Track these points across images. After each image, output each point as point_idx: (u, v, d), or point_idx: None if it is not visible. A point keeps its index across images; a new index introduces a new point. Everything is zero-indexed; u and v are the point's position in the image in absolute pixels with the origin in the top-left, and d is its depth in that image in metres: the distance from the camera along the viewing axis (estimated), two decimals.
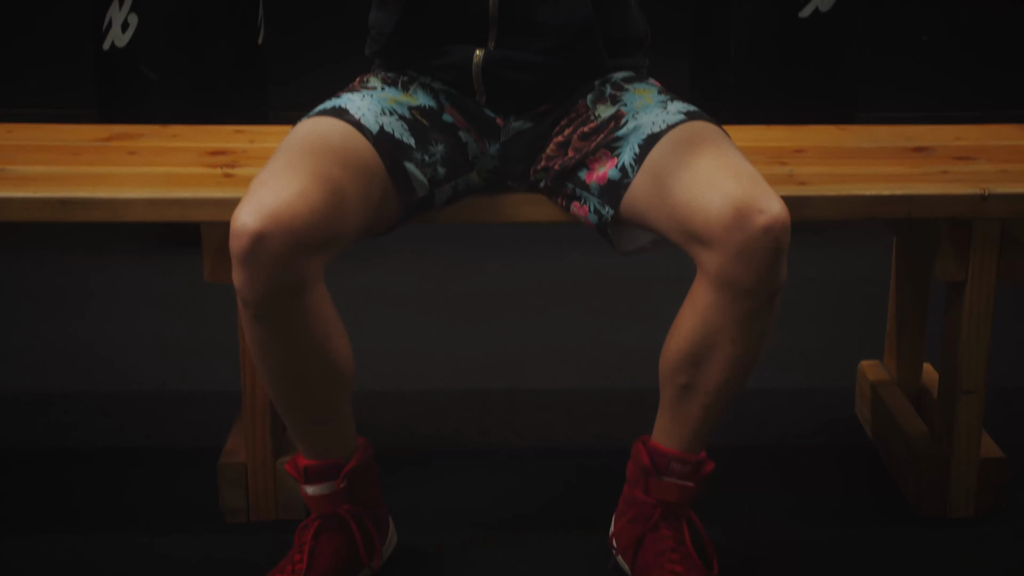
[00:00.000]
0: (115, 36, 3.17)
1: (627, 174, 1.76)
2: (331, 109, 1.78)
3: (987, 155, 2.07)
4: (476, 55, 1.80)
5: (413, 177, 1.78)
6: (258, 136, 2.17)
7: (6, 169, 1.95)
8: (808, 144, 2.14)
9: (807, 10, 3.19)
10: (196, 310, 2.89)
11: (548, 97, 1.86)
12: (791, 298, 2.74)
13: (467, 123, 1.86)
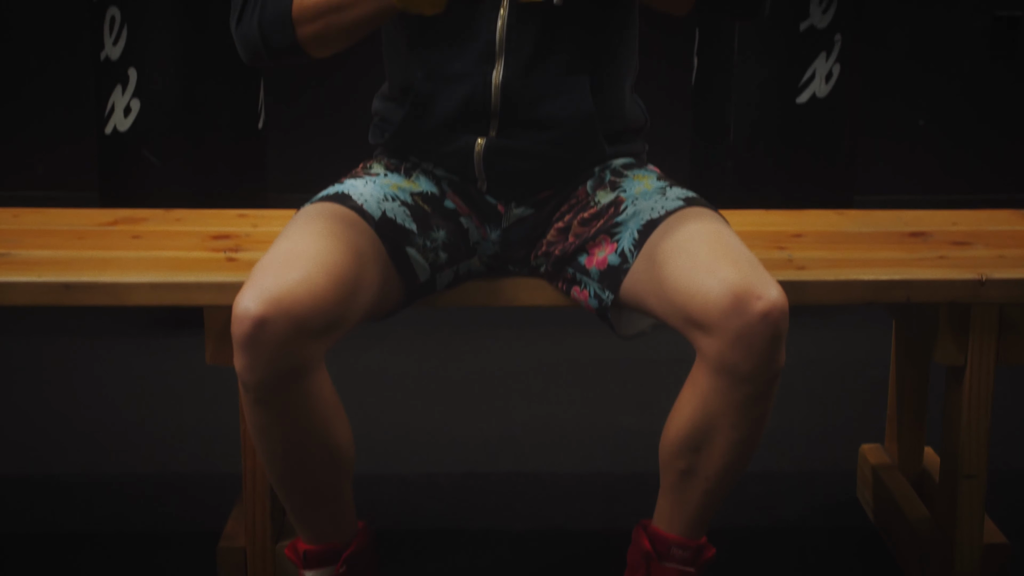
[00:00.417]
0: (117, 121, 3.20)
1: (626, 259, 1.77)
2: (334, 195, 1.80)
3: (984, 240, 2.09)
4: (478, 144, 1.83)
5: (415, 262, 1.79)
6: (261, 220, 2.18)
7: (11, 254, 1.96)
8: (807, 229, 2.16)
9: (804, 96, 3.23)
10: (197, 392, 2.89)
11: (549, 184, 1.88)
12: (791, 380, 2.75)
13: (469, 209, 1.88)
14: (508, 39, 1.78)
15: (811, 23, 3.19)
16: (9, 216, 2.18)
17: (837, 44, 3.21)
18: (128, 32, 3.14)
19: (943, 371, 2.00)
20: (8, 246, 1.99)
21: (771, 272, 1.71)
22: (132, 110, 3.19)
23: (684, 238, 1.72)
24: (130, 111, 3.19)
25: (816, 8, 3.17)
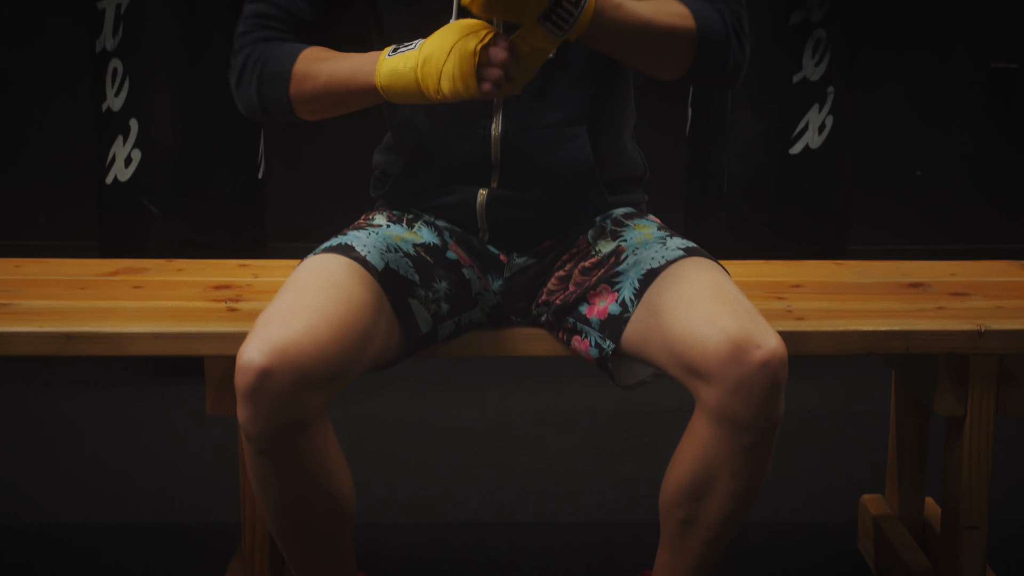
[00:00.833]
0: (118, 171, 3.22)
1: (627, 308, 1.78)
2: (337, 246, 1.80)
3: (982, 291, 2.10)
4: (480, 195, 1.85)
5: (417, 313, 1.80)
6: (262, 270, 2.19)
7: (13, 304, 1.97)
8: (806, 279, 2.17)
9: (797, 147, 3.26)
10: (197, 442, 2.89)
11: (550, 234, 1.89)
12: (792, 430, 2.75)
13: (471, 260, 1.89)
14: None
15: (804, 75, 3.22)
16: (11, 266, 2.18)
17: (830, 96, 3.24)
18: (130, 84, 3.17)
19: (943, 421, 2.00)
20: (10, 296, 2.00)
21: (770, 322, 1.72)
22: (133, 160, 3.20)
23: (684, 288, 1.73)
24: (131, 161, 3.21)
25: (809, 61, 3.21)
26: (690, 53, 1.72)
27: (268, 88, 1.77)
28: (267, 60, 1.77)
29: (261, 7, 1.80)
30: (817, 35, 3.20)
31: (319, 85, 1.74)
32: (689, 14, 1.72)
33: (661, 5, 1.71)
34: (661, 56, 1.72)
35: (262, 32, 1.79)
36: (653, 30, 1.68)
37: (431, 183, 1.86)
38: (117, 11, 3.13)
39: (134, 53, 3.15)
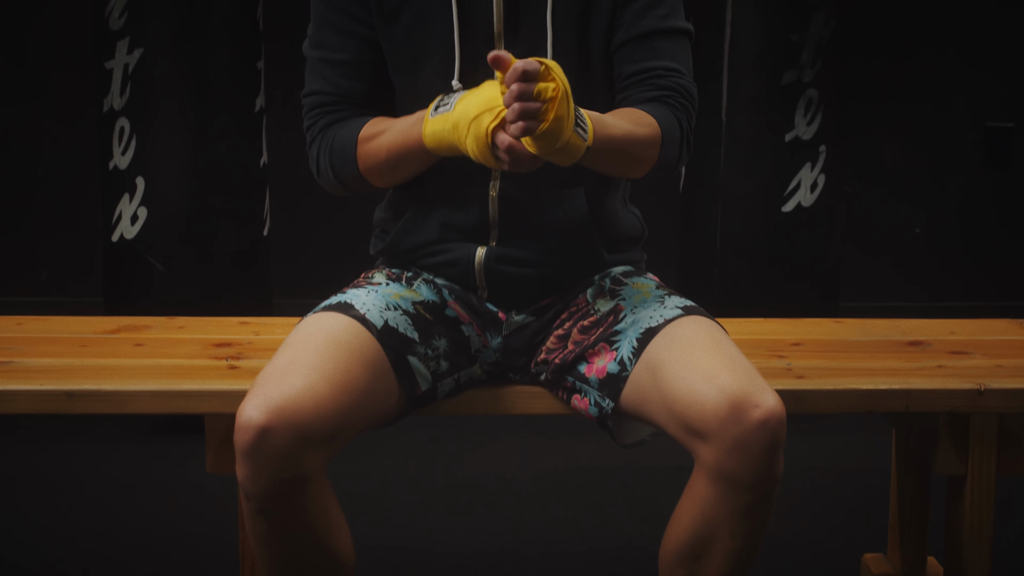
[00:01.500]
0: (124, 228, 3.24)
1: (626, 367, 1.78)
2: (336, 304, 1.82)
3: (981, 349, 2.10)
4: (478, 253, 1.86)
5: (416, 371, 1.80)
6: (263, 328, 2.20)
7: (15, 362, 1.97)
8: (805, 337, 2.17)
9: (790, 205, 3.28)
10: (196, 500, 2.88)
11: (549, 292, 1.90)
12: (792, 488, 2.74)
13: (470, 317, 1.90)
14: None
15: (796, 134, 3.25)
16: (13, 324, 2.19)
17: (822, 155, 3.27)
18: (137, 142, 3.19)
19: (944, 479, 2.00)
20: (11, 354, 2.01)
21: (770, 380, 1.72)
22: (139, 218, 3.22)
23: (682, 346, 1.74)
24: (137, 219, 3.23)
25: (801, 120, 3.24)
26: (653, 160, 1.79)
27: (342, 172, 1.83)
28: (334, 146, 1.83)
29: (316, 99, 1.86)
30: (809, 95, 3.24)
31: (383, 159, 1.80)
32: (656, 125, 1.78)
33: (632, 116, 1.77)
34: (630, 164, 1.78)
35: (324, 119, 1.85)
36: (629, 144, 1.74)
37: (430, 240, 1.88)
38: (125, 71, 3.17)
39: (142, 112, 3.18)
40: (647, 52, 1.82)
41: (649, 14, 1.83)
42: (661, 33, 1.83)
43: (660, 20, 1.83)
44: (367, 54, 1.83)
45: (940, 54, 4.06)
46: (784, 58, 3.22)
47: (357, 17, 1.83)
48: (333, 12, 1.83)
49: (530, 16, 1.81)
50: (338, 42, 1.84)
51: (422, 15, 1.82)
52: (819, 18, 3.20)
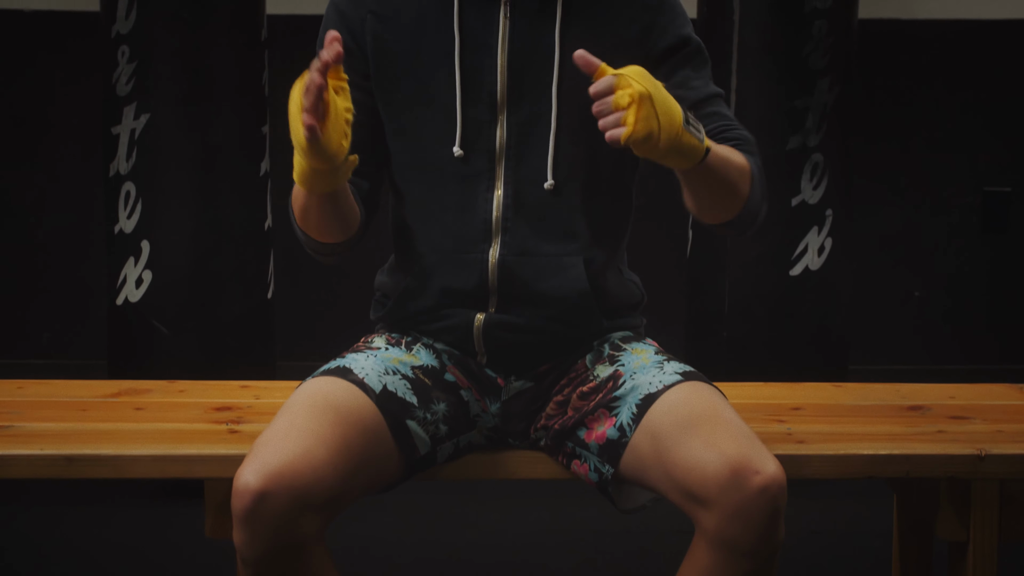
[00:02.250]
0: (128, 292, 3.25)
1: (625, 433, 1.78)
2: (335, 369, 1.82)
3: (982, 414, 2.10)
4: (477, 319, 1.86)
5: (415, 435, 1.80)
6: (264, 392, 2.20)
7: (15, 426, 1.98)
8: (805, 401, 2.17)
9: (797, 268, 3.29)
10: (195, 566, 2.87)
11: (548, 358, 1.91)
12: (794, 553, 2.72)
13: (469, 382, 1.90)
14: (504, 219, 1.83)
15: (803, 198, 3.27)
16: (13, 388, 2.20)
17: (828, 219, 3.29)
18: (142, 206, 3.21)
19: (946, 545, 1.99)
20: (11, 418, 2.01)
21: (770, 445, 1.72)
22: (144, 281, 3.24)
23: (682, 412, 1.74)
24: (142, 282, 3.24)
25: (807, 184, 3.26)
26: (744, 197, 1.79)
27: (296, 228, 1.84)
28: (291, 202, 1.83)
29: None
30: (815, 159, 3.26)
31: (298, 210, 1.81)
32: (746, 162, 1.79)
33: (727, 147, 1.78)
34: (727, 193, 1.77)
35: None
36: (730, 167, 1.75)
37: (429, 306, 1.89)
38: (131, 136, 3.20)
39: (147, 176, 3.20)
40: (703, 118, 1.81)
41: (692, 84, 1.84)
42: (708, 99, 1.84)
43: (702, 88, 1.85)
44: (360, 117, 1.84)
45: (939, 119, 4.09)
46: (789, 124, 3.25)
47: (354, 81, 1.84)
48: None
49: (535, 85, 1.82)
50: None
51: (422, 81, 1.83)
52: (823, 84, 3.23)
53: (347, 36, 1.84)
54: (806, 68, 3.23)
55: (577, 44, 1.79)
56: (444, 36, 1.82)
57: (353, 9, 1.85)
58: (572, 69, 1.78)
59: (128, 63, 3.17)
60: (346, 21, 1.85)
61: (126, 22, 3.15)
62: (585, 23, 1.83)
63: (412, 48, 1.83)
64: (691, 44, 1.86)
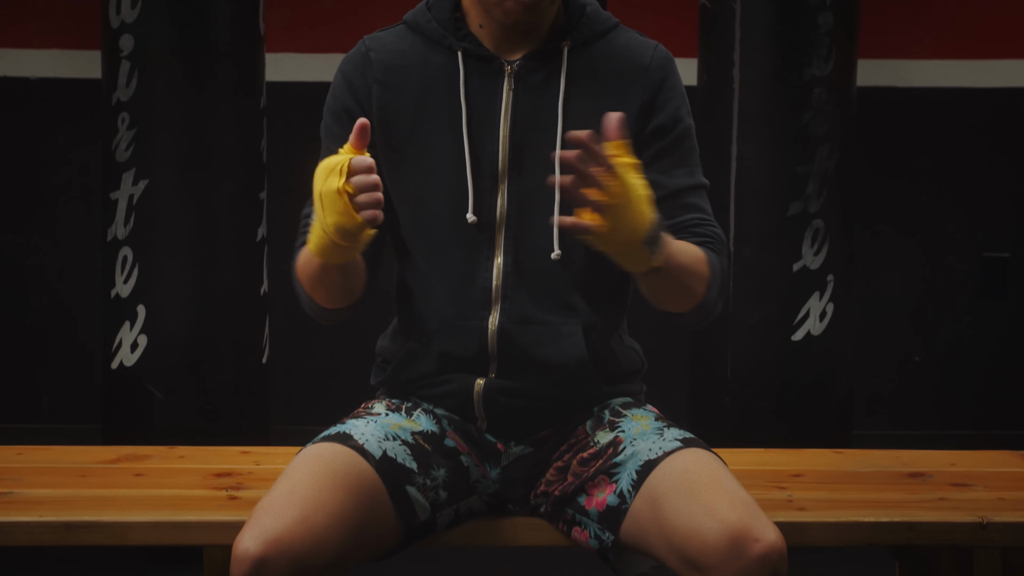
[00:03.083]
0: (124, 356, 3.25)
1: (625, 500, 1.78)
2: (335, 435, 1.82)
3: (984, 482, 2.09)
4: (477, 384, 1.87)
5: (415, 501, 1.80)
6: (264, 457, 2.20)
7: (13, 492, 1.97)
8: (806, 468, 2.17)
9: (799, 334, 3.30)
10: None
11: (548, 424, 1.90)
12: None
13: (469, 448, 1.90)
14: (504, 286, 1.84)
15: (804, 264, 3.29)
16: (13, 454, 2.19)
17: (830, 284, 3.30)
18: (139, 271, 3.22)
19: None
20: (10, 485, 2.00)
21: (771, 513, 1.72)
22: (139, 345, 3.24)
23: (682, 479, 1.74)
24: (137, 346, 3.24)
25: (808, 250, 3.28)
26: (699, 297, 1.81)
27: (299, 292, 1.86)
28: (296, 264, 1.85)
29: (305, 221, 1.87)
30: (815, 225, 3.28)
31: (307, 277, 1.82)
32: (707, 262, 1.82)
33: (689, 247, 1.81)
34: (680, 296, 1.81)
35: (300, 239, 1.86)
36: (685, 274, 1.78)
37: (430, 370, 1.89)
38: (130, 201, 3.21)
39: (145, 241, 3.21)
40: (680, 207, 1.86)
41: (677, 172, 1.87)
42: (691, 190, 1.87)
43: (687, 177, 1.87)
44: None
45: (938, 185, 4.12)
46: (790, 190, 3.28)
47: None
48: (334, 141, 1.86)
49: (537, 156, 1.84)
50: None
51: (428, 150, 1.85)
52: (823, 151, 3.26)
53: (354, 104, 1.86)
54: (806, 135, 3.27)
55: (579, 117, 1.82)
56: (450, 107, 1.84)
57: (360, 78, 1.87)
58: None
59: (128, 130, 3.19)
60: (353, 89, 1.87)
61: (127, 89, 3.18)
62: (588, 97, 1.85)
63: (417, 118, 1.85)
64: (681, 125, 1.88)
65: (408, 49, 1.87)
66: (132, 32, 3.17)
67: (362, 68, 1.87)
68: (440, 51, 1.86)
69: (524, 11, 1.79)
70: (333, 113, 1.88)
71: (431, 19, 1.87)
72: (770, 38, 3.25)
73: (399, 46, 1.87)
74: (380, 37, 1.89)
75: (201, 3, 3.19)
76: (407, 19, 1.89)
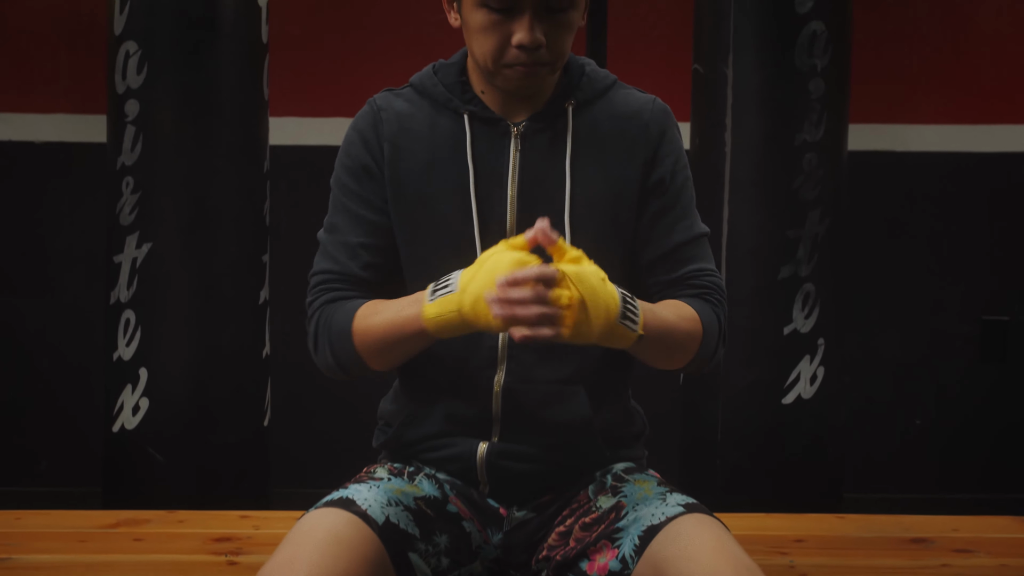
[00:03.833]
0: (125, 419, 3.25)
1: (628, 565, 1.78)
2: (337, 500, 1.81)
3: (986, 548, 2.09)
4: (480, 448, 1.87)
5: (417, 568, 1.79)
6: (264, 522, 2.19)
7: (12, 558, 1.96)
8: (807, 533, 2.16)
9: (790, 397, 3.31)
10: None
11: (550, 488, 1.90)
12: None
13: (471, 513, 1.89)
14: (511, 346, 1.85)
15: (794, 327, 3.30)
16: (12, 519, 2.19)
17: (820, 348, 3.31)
18: (142, 333, 3.23)
19: None
20: (9, 551, 2.00)
21: None
22: (141, 409, 3.24)
23: (685, 544, 1.73)
24: (139, 410, 3.24)
25: (799, 313, 3.30)
26: (693, 353, 1.85)
27: (339, 349, 1.84)
28: (332, 322, 1.84)
29: (321, 276, 1.88)
30: (806, 288, 3.30)
31: (379, 339, 1.80)
32: (698, 319, 1.84)
33: (677, 309, 1.84)
34: (672, 356, 1.84)
35: (326, 295, 1.87)
36: (674, 335, 1.80)
37: (433, 433, 1.89)
38: (133, 264, 3.23)
39: (147, 304, 3.22)
40: (679, 262, 1.89)
41: (678, 227, 1.89)
42: (690, 243, 1.90)
43: (686, 231, 1.90)
44: (379, 240, 1.87)
45: (934, 249, 4.13)
46: (781, 253, 3.29)
47: (373, 204, 1.87)
48: (350, 198, 1.88)
49: (545, 215, 1.81)
50: (351, 226, 1.88)
51: (436, 210, 1.86)
52: (814, 215, 3.28)
53: (371, 161, 1.88)
54: (797, 200, 3.29)
55: (586, 176, 1.84)
56: (457, 168, 1.86)
57: (374, 135, 1.89)
58: (583, 200, 1.84)
59: (132, 193, 3.21)
60: (369, 147, 1.89)
61: (132, 154, 3.21)
62: (593, 155, 1.87)
63: (426, 179, 1.87)
64: (679, 178, 1.91)
65: (416, 112, 1.89)
66: (138, 97, 3.20)
67: (375, 126, 1.89)
68: (447, 114, 1.88)
69: (524, 78, 1.81)
70: (350, 171, 1.89)
71: (437, 83, 1.90)
72: (762, 103, 3.29)
73: (407, 108, 1.90)
74: (389, 98, 1.91)
75: (206, 68, 3.22)
76: (414, 82, 1.92)
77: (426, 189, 1.87)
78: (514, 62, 1.79)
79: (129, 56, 3.19)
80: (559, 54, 1.82)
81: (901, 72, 4.03)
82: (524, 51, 1.78)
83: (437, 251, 1.86)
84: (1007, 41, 4.05)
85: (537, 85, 1.85)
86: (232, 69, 3.24)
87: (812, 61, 3.25)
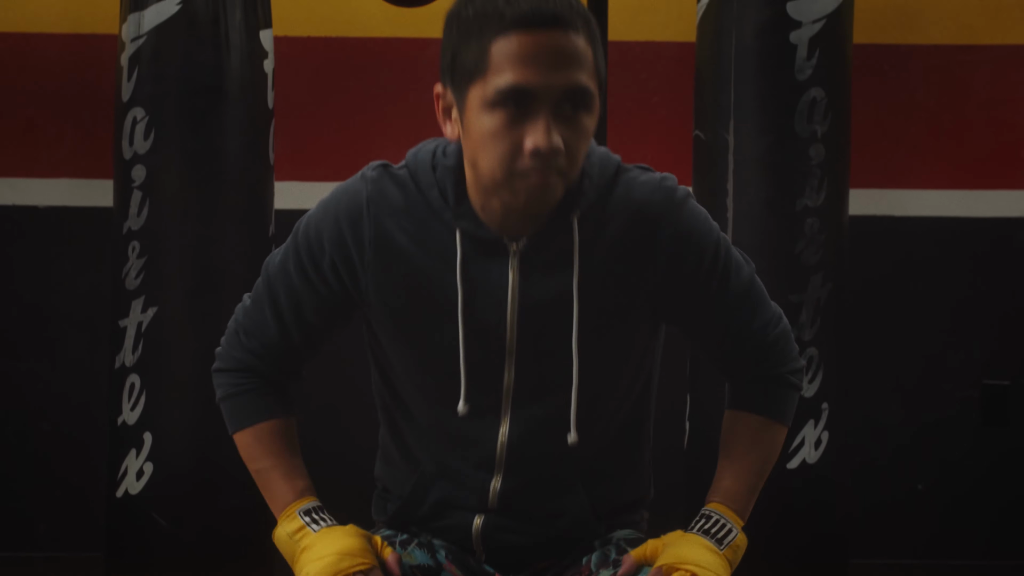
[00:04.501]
0: (129, 484, 3.24)
1: None
2: None
3: None
4: (476, 522, 1.85)
5: None
6: None
7: None
8: None
9: (795, 462, 3.30)
10: None
11: (548, 556, 1.88)
12: None
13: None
14: (509, 455, 1.81)
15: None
16: None
17: (824, 412, 3.31)
18: (147, 398, 3.23)
19: None
20: None
21: None
22: (145, 473, 3.23)
23: None
24: (143, 474, 3.24)
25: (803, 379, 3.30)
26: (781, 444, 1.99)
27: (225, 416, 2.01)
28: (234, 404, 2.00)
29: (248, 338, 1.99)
30: (809, 353, 3.31)
31: (250, 466, 1.99)
32: (775, 425, 1.96)
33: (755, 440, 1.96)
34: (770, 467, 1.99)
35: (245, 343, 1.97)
36: (764, 471, 1.96)
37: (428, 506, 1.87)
38: (138, 328, 3.24)
39: (153, 369, 3.23)
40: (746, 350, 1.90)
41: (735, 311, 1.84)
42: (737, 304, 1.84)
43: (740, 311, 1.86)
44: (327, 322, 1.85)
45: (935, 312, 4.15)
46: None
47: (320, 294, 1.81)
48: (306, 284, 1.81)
49: (550, 337, 1.75)
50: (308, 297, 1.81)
51: (426, 326, 1.76)
52: (816, 280, 3.30)
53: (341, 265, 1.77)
54: (799, 264, 3.31)
55: (596, 293, 1.74)
56: (445, 288, 1.73)
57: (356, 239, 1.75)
58: (591, 322, 1.75)
59: (138, 258, 3.23)
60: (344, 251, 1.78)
61: (138, 219, 3.23)
62: (602, 273, 1.74)
63: (414, 293, 1.75)
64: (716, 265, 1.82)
65: (410, 209, 1.73)
66: (144, 163, 3.23)
67: (359, 227, 1.74)
68: (440, 221, 1.73)
69: (536, 189, 1.63)
70: (312, 257, 1.77)
71: (433, 183, 1.72)
72: (763, 169, 3.32)
73: (400, 202, 1.73)
74: (382, 188, 1.74)
75: (212, 134, 3.25)
76: (411, 170, 1.75)
77: (414, 303, 1.75)
78: (527, 171, 1.62)
79: (136, 122, 3.23)
80: (575, 162, 1.65)
81: (900, 138, 4.07)
82: (539, 158, 1.61)
83: (423, 375, 1.80)
84: (1003, 107, 4.08)
85: (548, 200, 1.66)
86: (238, 135, 3.27)
87: (812, 127, 3.28)
